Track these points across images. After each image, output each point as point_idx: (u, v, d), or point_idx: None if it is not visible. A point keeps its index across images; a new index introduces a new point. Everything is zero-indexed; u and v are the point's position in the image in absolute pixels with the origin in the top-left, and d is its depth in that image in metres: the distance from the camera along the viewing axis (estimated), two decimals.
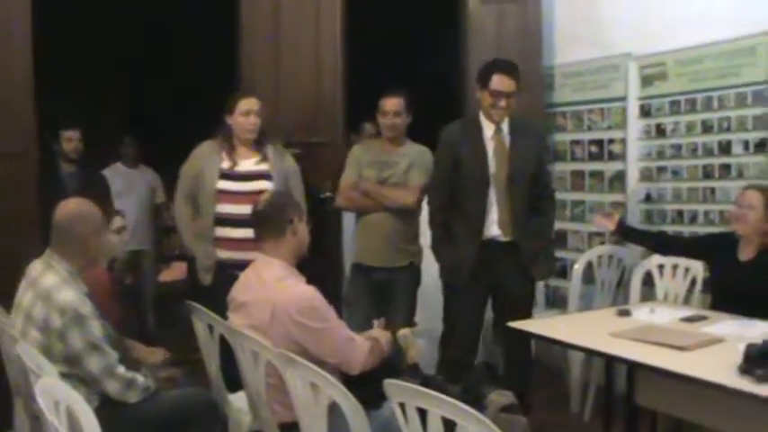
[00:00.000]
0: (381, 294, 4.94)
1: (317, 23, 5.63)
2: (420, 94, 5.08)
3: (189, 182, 4.69)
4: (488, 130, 4.60)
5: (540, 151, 4.67)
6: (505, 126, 4.60)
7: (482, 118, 4.61)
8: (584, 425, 5.14)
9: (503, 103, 4.49)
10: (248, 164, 4.68)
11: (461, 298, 4.66)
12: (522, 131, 4.61)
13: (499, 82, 4.49)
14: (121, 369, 3.36)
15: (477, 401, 2.97)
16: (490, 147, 4.58)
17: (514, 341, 4.57)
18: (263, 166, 4.69)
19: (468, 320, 4.67)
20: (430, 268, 4.92)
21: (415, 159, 4.92)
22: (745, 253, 4.13)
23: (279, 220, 3.41)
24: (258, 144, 4.71)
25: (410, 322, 4.90)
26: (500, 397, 3.19)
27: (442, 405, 2.27)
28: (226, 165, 4.62)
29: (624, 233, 4.70)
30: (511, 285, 4.56)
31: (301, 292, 3.30)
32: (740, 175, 4.94)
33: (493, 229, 4.55)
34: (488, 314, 4.75)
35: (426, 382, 3.07)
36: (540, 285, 5.74)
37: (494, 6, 6.06)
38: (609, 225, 4.58)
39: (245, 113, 4.63)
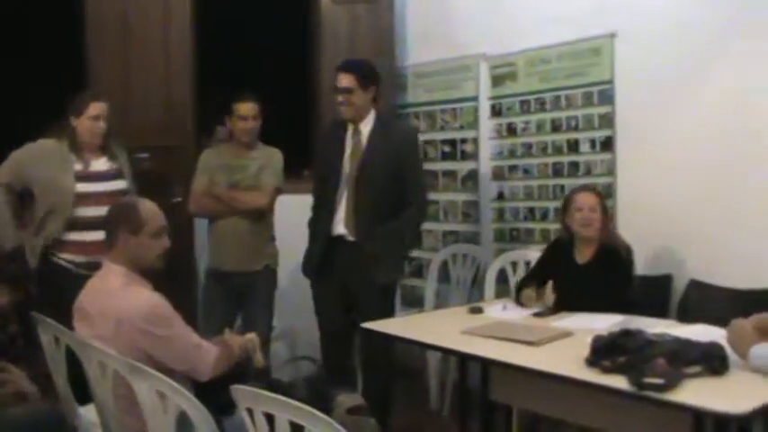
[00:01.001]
0: (238, 299, 4.86)
1: (167, 25, 5.45)
2: (272, 96, 5.02)
3: (16, 170, 4.44)
4: (350, 130, 4.60)
5: (404, 154, 4.57)
6: (368, 127, 4.58)
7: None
8: (443, 422, 5.18)
9: (340, 98, 4.51)
10: (99, 164, 4.52)
11: (316, 295, 4.70)
12: (385, 133, 4.57)
13: (336, 78, 4.53)
14: None
15: (324, 404, 2.93)
16: (349, 147, 4.58)
17: (370, 345, 4.56)
18: (115, 165, 4.56)
19: (324, 316, 4.69)
20: (287, 270, 4.87)
21: (266, 161, 4.88)
22: (583, 255, 4.21)
23: (113, 227, 3.29)
24: (103, 146, 4.55)
25: (269, 326, 4.88)
26: (348, 399, 3.16)
27: (289, 409, 2.22)
28: (79, 166, 4.43)
29: None
30: (355, 285, 4.53)
31: (146, 299, 3.19)
32: (588, 173, 5.07)
33: (339, 227, 4.54)
34: None
35: (272, 385, 3.01)
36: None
37: (346, 6, 6.03)
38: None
39: (94, 118, 4.44)
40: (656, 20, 4.71)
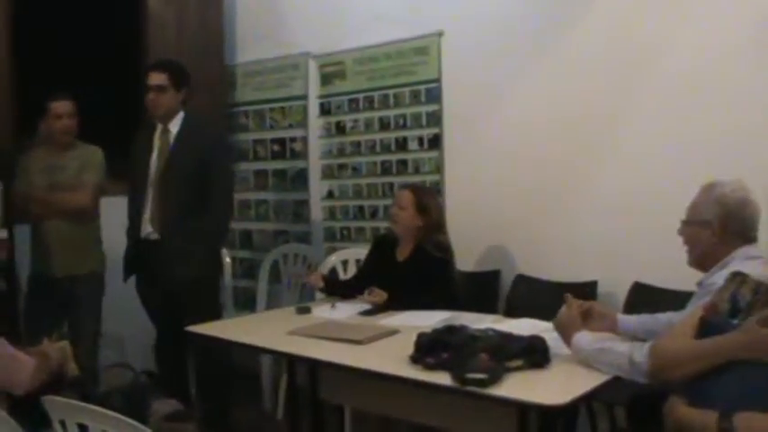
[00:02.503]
0: (64, 305, 4.68)
1: None
2: (97, 95, 4.93)
3: None
4: (159, 129, 4.56)
5: (211, 155, 4.52)
6: (177, 127, 4.53)
7: None
8: (277, 423, 5.12)
9: (150, 96, 4.47)
10: None
11: (142, 300, 4.64)
12: (191, 132, 4.54)
13: (148, 77, 4.49)
14: None
15: (140, 412, 2.81)
16: (156, 147, 4.54)
17: (203, 347, 4.45)
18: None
19: (154, 320, 4.67)
20: (115, 274, 4.70)
21: (86, 160, 4.75)
22: (402, 253, 4.27)
23: None
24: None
25: (96, 332, 4.75)
26: (165, 405, 3.06)
27: (102, 419, 2.12)
28: None
29: (328, 288, 4.60)
30: (168, 286, 4.44)
31: None
32: (416, 171, 5.10)
33: (147, 227, 4.49)
34: None
35: (87, 395, 2.87)
36: (229, 287, 5.64)
37: (174, 2, 5.86)
38: (317, 283, 4.50)
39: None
40: (481, 18, 4.78)
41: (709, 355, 2.33)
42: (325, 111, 5.63)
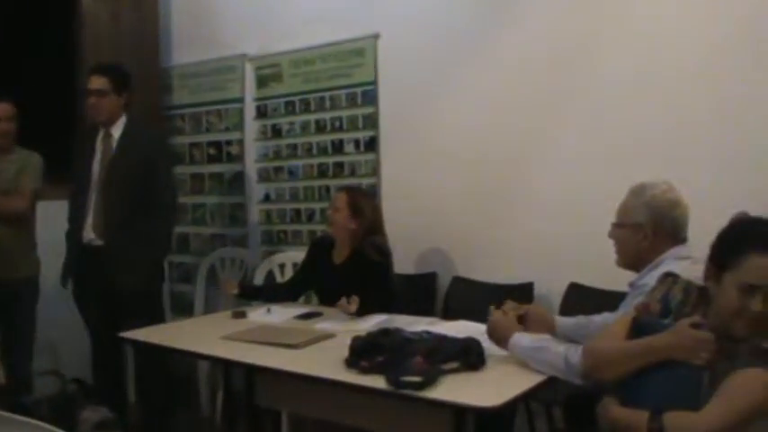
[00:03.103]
0: None
1: None
2: (31, 98, 4.83)
3: None
4: (101, 134, 4.51)
5: (154, 158, 4.48)
6: (119, 131, 4.49)
7: None
8: (215, 429, 5.07)
9: (91, 100, 4.42)
10: None
11: (79, 307, 4.57)
12: (133, 137, 4.49)
13: (88, 81, 4.45)
14: None
15: (68, 421, 2.77)
16: (99, 151, 4.48)
17: (142, 353, 4.42)
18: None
19: (90, 327, 4.59)
20: (51, 281, 4.63)
21: (24, 164, 4.68)
22: (339, 256, 4.27)
23: None
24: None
25: (30, 339, 4.67)
26: (94, 413, 3.02)
27: (29, 429, 2.06)
28: None
29: (246, 293, 4.58)
30: (111, 293, 4.37)
31: None
32: (353, 173, 5.09)
33: (89, 233, 4.43)
34: None
35: (14, 405, 2.82)
36: (167, 292, 5.57)
37: (108, 4, 5.76)
38: (232, 290, 4.45)
39: None
40: (417, 21, 4.79)
41: (639, 355, 2.35)
42: (261, 113, 5.59)
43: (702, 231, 2.50)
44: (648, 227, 2.95)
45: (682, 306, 2.45)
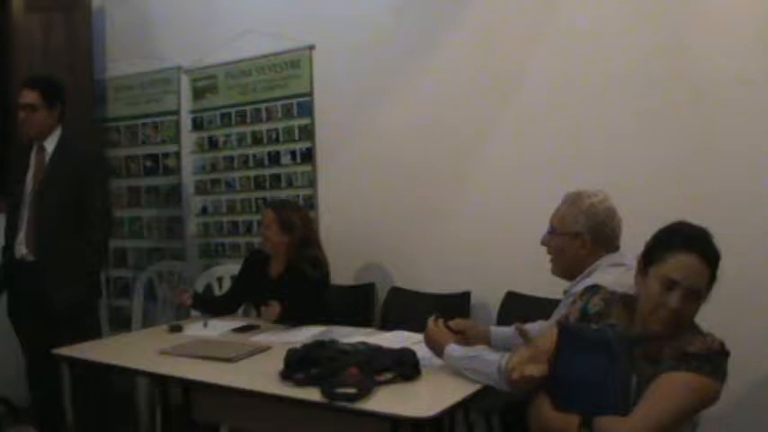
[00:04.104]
0: None
1: None
2: None
3: None
4: (35, 148, 4.43)
5: (87, 172, 4.40)
6: (53, 144, 4.41)
7: None
8: None
9: (21, 115, 4.35)
10: None
11: (13, 323, 4.49)
12: (66, 150, 4.42)
13: (20, 94, 4.36)
14: None
15: None
16: (33, 165, 4.40)
17: (78, 370, 4.29)
18: None
19: (24, 345, 4.49)
20: None
21: None
22: (275, 269, 4.26)
23: None
24: None
25: None
26: None
27: None
28: None
29: (200, 303, 4.51)
30: (44, 309, 4.28)
31: None
32: (290, 185, 5.08)
33: (21, 248, 4.35)
34: None
35: None
36: (104, 306, 5.50)
37: (40, 15, 5.66)
38: (186, 301, 4.42)
39: None
40: (351, 32, 4.80)
41: None
42: (197, 125, 5.56)
43: (634, 239, 2.54)
44: (587, 235, 2.98)
45: (599, 313, 2.49)
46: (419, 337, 3.18)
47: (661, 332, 2.27)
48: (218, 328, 3.95)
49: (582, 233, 2.98)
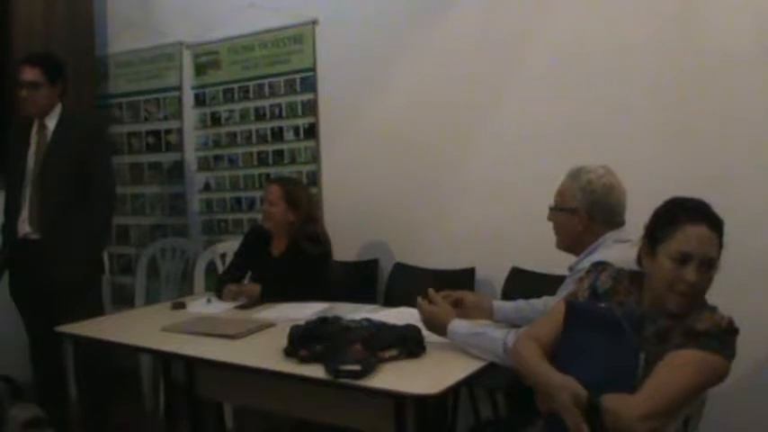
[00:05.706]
0: None
1: None
2: None
3: None
4: (36, 125, 4.39)
5: (89, 148, 4.35)
6: (54, 121, 4.37)
7: None
8: (158, 422, 5.00)
9: (23, 92, 4.29)
10: None
11: (15, 301, 4.47)
12: (68, 127, 4.37)
13: (21, 72, 4.31)
14: None
15: None
16: (34, 143, 4.37)
17: (81, 347, 4.34)
18: None
19: (27, 322, 4.49)
20: None
21: None
22: (277, 247, 4.21)
23: None
24: None
25: None
26: (23, 411, 2.95)
27: None
28: None
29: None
30: (48, 287, 4.26)
31: None
32: (293, 161, 5.06)
33: (25, 226, 4.32)
34: None
35: None
36: (107, 284, 5.49)
37: None
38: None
39: None
40: (354, 7, 4.78)
41: (538, 382, 2.35)
42: (200, 101, 5.52)
43: (641, 215, 2.51)
44: (583, 212, 2.95)
45: (609, 292, 2.46)
46: None
47: (677, 310, 2.25)
48: (221, 306, 3.93)
49: (578, 209, 2.95)
